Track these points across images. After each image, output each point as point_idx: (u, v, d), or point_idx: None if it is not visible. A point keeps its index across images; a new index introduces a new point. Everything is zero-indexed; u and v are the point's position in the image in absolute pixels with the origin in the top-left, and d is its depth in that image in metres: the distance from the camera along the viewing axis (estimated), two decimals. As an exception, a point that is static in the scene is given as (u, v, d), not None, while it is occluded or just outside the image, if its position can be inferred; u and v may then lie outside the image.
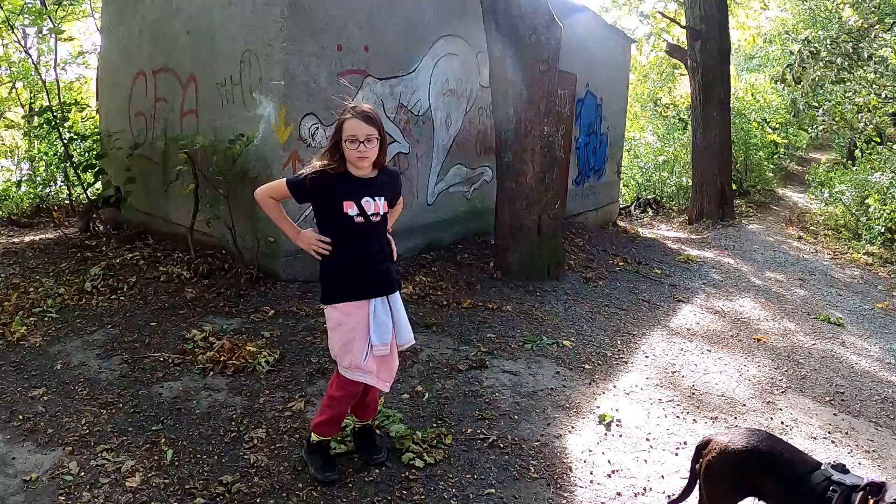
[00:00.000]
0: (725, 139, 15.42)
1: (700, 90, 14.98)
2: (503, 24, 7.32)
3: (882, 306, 9.55)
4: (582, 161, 12.17)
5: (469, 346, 5.66)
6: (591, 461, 4.18)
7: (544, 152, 7.60)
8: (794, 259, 12.15)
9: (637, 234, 12.81)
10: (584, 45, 11.37)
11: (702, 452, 3.21)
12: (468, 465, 3.91)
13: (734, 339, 7.05)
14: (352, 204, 3.41)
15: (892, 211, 15.43)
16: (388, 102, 7.27)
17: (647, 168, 19.76)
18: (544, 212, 7.70)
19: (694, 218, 15.45)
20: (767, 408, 5.44)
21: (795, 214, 18.32)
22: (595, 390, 5.21)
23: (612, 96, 13.35)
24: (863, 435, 5.23)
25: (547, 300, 7.23)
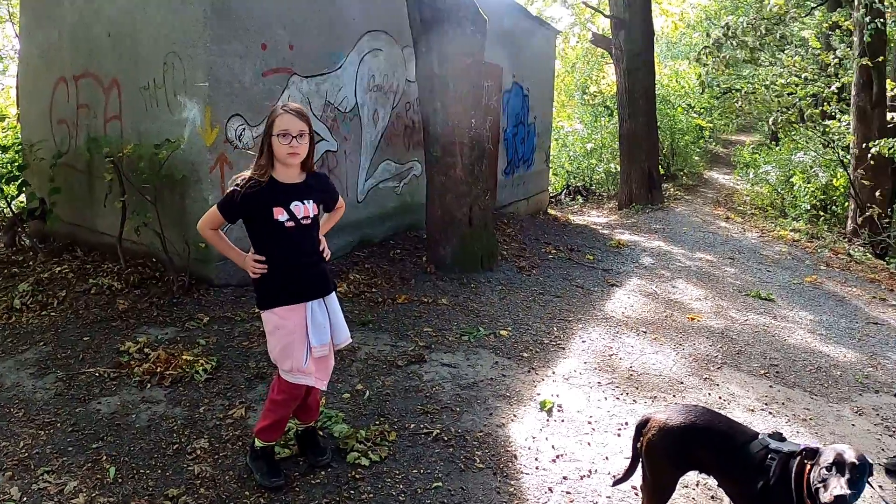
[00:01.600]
0: (651, 125, 15.78)
1: (625, 78, 15.28)
2: (428, 17, 7.32)
3: (810, 280, 9.90)
4: (510, 152, 12.27)
5: (406, 341, 5.67)
6: (535, 448, 4.23)
7: (472, 145, 7.64)
8: (723, 239, 12.50)
9: (568, 222, 13.00)
10: (510, 37, 11.47)
11: (642, 431, 3.26)
12: (414, 461, 3.92)
13: (668, 320, 7.22)
14: (281, 210, 3.39)
15: (816, 188, 16.04)
16: (314, 100, 7.20)
17: (576, 156, 20.07)
18: (475, 203, 7.74)
19: (623, 203, 15.74)
20: (705, 384, 5.59)
21: (723, 196, 18.85)
22: (534, 378, 5.28)
23: (539, 87, 13.49)
24: (799, 404, 5.43)
25: (482, 291, 7.28)
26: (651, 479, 3.27)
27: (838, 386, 5.97)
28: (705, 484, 3.99)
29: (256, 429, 3.64)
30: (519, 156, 12.69)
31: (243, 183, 3.35)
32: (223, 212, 3.43)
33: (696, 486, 3.99)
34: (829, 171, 16.18)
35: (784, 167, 18.02)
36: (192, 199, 6.27)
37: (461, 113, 7.51)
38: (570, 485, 3.89)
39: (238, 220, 3.49)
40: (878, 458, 4.70)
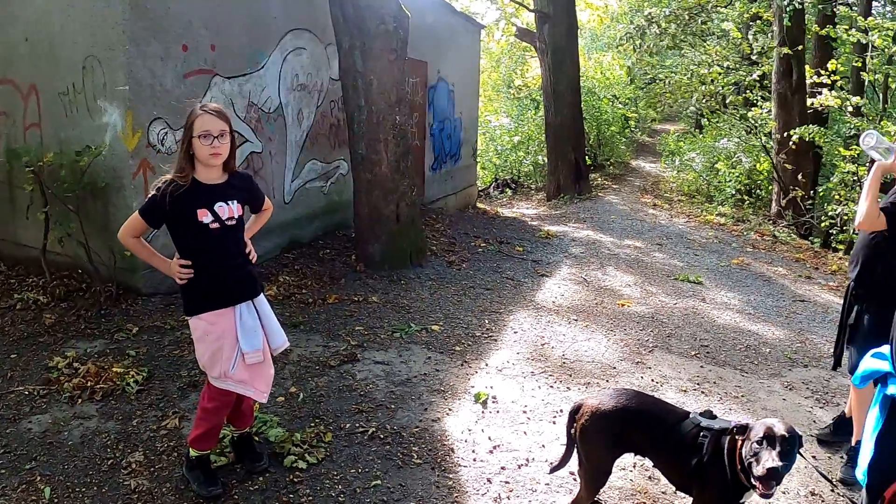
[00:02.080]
0: (577, 117, 16.04)
1: (550, 71, 15.48)
2: (350, 15, 7.31)
3: (737, 262, 10.25)
4: (437, 147, 12.32)
5: (338, 341, 5.67)
6: (471, 440, 4.30)
7: (397, 141, 7.66)
8: (651, 225, 12.80)
9: (497, 215, 13.14)
10: (434, 33, 11.50)
11: (575, 417, 3.33)
12: (351, 460, 3.94)
13: (599, 307, 7.38)
14: (205, 211, 3.35)
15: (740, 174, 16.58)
16: (237, 101, 7.10)
17: (504, 150, 20.26)
18: (402, 200, 7.77)
19: (552, 194, 15.97)
20: (637, 368, 5.76)
21: (650, 183, 19.29)
22: (468, 371, 5.34)
23: (464, 81, 13.56)
24: (730, 382, 5.64)
25: (412, 287, 7.32)
26: (587, 464, 3.34)
27: (768, 363, 6.21)
28: (642, 465, 4.11)
29: (190, 438, 3.60)
30: (446, 151, 12.76)
31: (165, 186, 3.29)
32: (146, 217, 3.36)
33: (633, 468, 4.11)
34: (753, 157, 16.78)
35: (709, 154, 18.59)
36: (116, 206, 6.12)
37: (385, 110, 7.52)
38: (508, 474, 3.96)
39: (162, 224, 3.43)
40: (810, 430, 4.92)
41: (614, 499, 3.82)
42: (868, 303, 4.15)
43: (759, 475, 2.72)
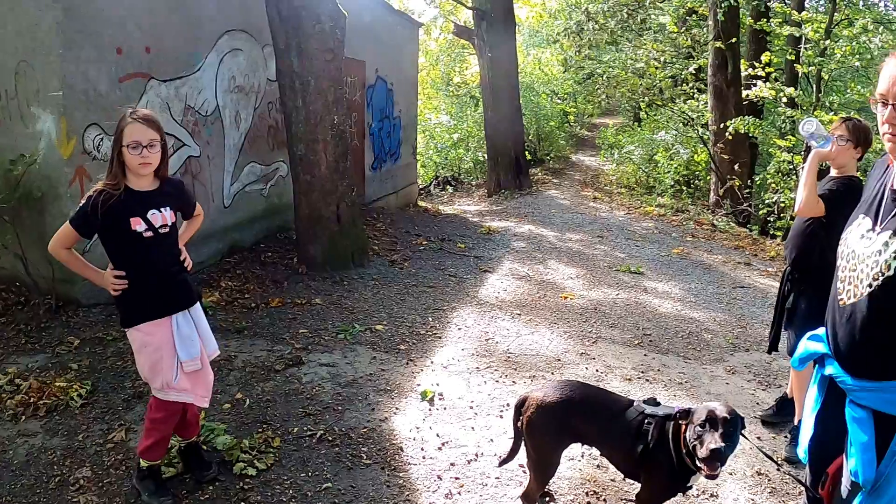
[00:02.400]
0: (516, 113, 16.15)
1: (489, 68, 15.56)
2: (287, 15, 7.24)
3: (677, 251, 10.49)
4: (377, 146, 12.30)
5: (283, 344, 5.64)
6: (420, 438, 4.33)
7: (336, 142, 7.63)
8: (592, 218, 12.99)
9: (438, 213, 13.19)
10: (372, 32, 11.47)
11: (521, 410, 3.37)
12: (301, 464, 3.94)
13: (542, 301, 7.49)
14: (138, 220, 3.28)
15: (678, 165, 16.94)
16: (174, 105, 6.96)
17: (444, 147, 20.31)
18: (342, 200, 7.75)
19: (492, 190, 16.07)
20: (582, 359, 5.86)
21: (590, 177, 19.55)
22: (413, 369, 5.38)
23: (403, 80, 13.55)
24: (674, 369, 5.79)
25: (355, 288, 7.32)
26: (535, 456, 3.38)
27: (710, 349, 6.39)
28: (590, 455, 4.19)
29: (140, 449, 3.55)
30: (385, 150, 12.75)
31: (96, 195, 3.22)
32: (77, 227, 3.29)
33: (581, 458, 4.20)
34: (691, 148, 17.19)
35: (647, 146, 18.95)
36: (53, 216, 5.93)
37: (323, 110, 7.49)
38: (458, 470, 4.00)
39: (94, 234, 3.36)
40: (754, 412, 5.10)
41: (564, 489, 3.90)
42: (805, 287, 4.30)
43: (703, 457, 2.79)
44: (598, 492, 3.90)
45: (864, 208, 2.51)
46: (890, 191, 2.38)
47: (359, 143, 11.19)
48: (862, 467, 2.31)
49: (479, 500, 3.74)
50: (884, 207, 2.39)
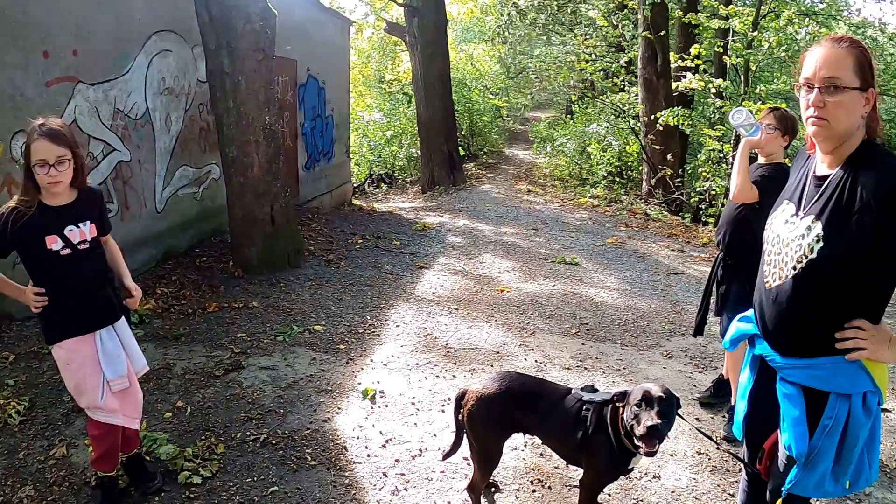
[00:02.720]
0: (449, 108, 16.25)
1: (420, 64, 15.60)
2: (216, 15, 7.15)
3: (612, 241, 10.71)
4: (310, 146, 12.22)
5: (222, 350, 5.59)
6: (363, 436, 4.35)
7: (268, 142, 7.58)
8: (527, 211, 13.15)
9: (373, 210, 13.17)
10: (303, 30, 11.38)
11: (461, 403, 3.41)
12: (246, 469, 3.92)
13: (479, 295, 7.57)
14: (55, 238, 3.15)
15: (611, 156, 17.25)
16: (103, 109, 6.76)
17: (377, 145, 20.25)
18: (275, 202, 7.71)
19: (427, 186, 16.13)
20: (521, 350, 5.96)
21: (523, 170, 19.76)
22: (354, 368, 5.39)
23: (335, 78, 13.49)
24: (611, 357, 5.94)
25: (292, 289, 7.28)
26: (477, 448, 3.43)
27: (647, 335, 6.56)
28: (533, 443, 4.28)
29: (92, 460, 3.49)
30: (319, 149, 12.67)
31: (7, 213, 3.09)
32: None
33: (524, 448, 4.28)
34: (622, 140, 17.48)
35: (579, 139, 19.21)
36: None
37: (255, 110, 7.42)
38: (403, 466, 4.04)
39: (9, 253, 3.20)
40: (692, 394, 5.26)
41: (509, 478, 3.98)
42: (737, 271, 4.42)
43: (640, 435, 2.86)
44: (542, 479, 3.98)
45: (788, 194, 2.60)
46: (812, 177, 2.47)
47: (291, 143, 11.11)
48: (795, 441, 2.41)
49: (425, 494, 3.78)
50: (806, 193, 2.47)
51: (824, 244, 2.30)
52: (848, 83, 2.29)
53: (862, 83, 2.29)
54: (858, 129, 2.34)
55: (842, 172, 2.34)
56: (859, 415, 2.36)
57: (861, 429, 2.37)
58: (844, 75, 2.29)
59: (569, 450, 3.33)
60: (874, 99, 2.31)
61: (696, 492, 4.00)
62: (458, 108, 18.81)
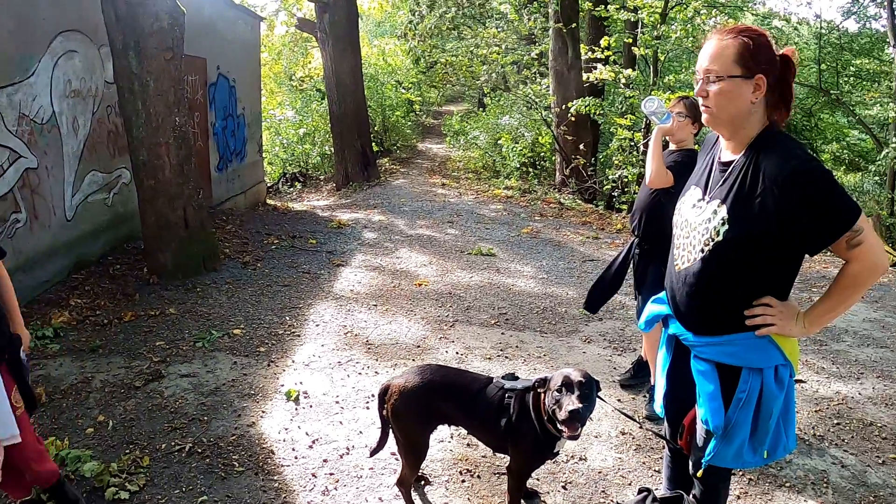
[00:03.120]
0: (361, 104, 16.19)
1: (332, 61, 15.48)
2: (123, 13, 6.93)
3: (527, 231, 10.94)
4: (222, 146, 11.98)
5: (141, 359, 5.48)
6: (290, 438, 4.37)
7: (179, 144, 7.44)
8: (442, 205, 13.27)
9: (288, 210, 13.05)
10: (212, 27, 11.17)
11: (384, 398, 3.44)
12: (174, 481, 3.88)
13: (397, 290, 7.65)
14: None
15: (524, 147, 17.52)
16: (7, 114, 6.41)
17: (290, 143, 20.02)
18: (188, 204, 7.58)
19: (341, 184, 16.06)
20: (441, 343, 6.07)
21: (437, 164, 19.90)
22: (275, 370, 5.39)
23: (245, 76, 13.25)
24: (531, 344, 6.10)
25: (209, 293, 7.19)
26: (404, 441, 3.48)
27: (565, 321, 6.76)
28: (459, 434, 4.38)
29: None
30: (231, 149, 12.44)
31: None
32: None
33: (451, 439, 4.38)
34: (535, 131, 17.76)
35: (492, 131, 19.43)
36: None
37: (164, 112, 7.26)
38: (331, 466, 4.07)
39: None
40: (612, 376, 5.48)
41: (438, 470, 4.06)
42: (652, 255, 4.57)
43: (562, 419, 2.92)
44: (471, 469, 4.08)
45: (695, 180, 2.73)
46: (717, 163, 2.59)
47: (203, 144, 10.90)
48: (711, 416, 2.53)
49: (355, 492, 3.83)
50: (712, 178, 2.58)
51: (729, 227, 2.40)
52: (727, 72, 2.41)
53: (745, 71, 2.39)
54: (752, 115, 2.45)
55: (744, 158, 2.44)
56: (772, 387, 2.47)
57: (774, 401, 2.48)
58: (723, 65, 2.42)
59: (494, 438, 3.39)
60: (765, 85, 2.40)
61: (623, 470, 4.18)
62: (370, 103, 18.77)
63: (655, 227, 4.53)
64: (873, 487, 4.16)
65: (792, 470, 4.28)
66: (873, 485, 4.19)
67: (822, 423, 4.97)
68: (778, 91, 2.44)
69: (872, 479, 4.25)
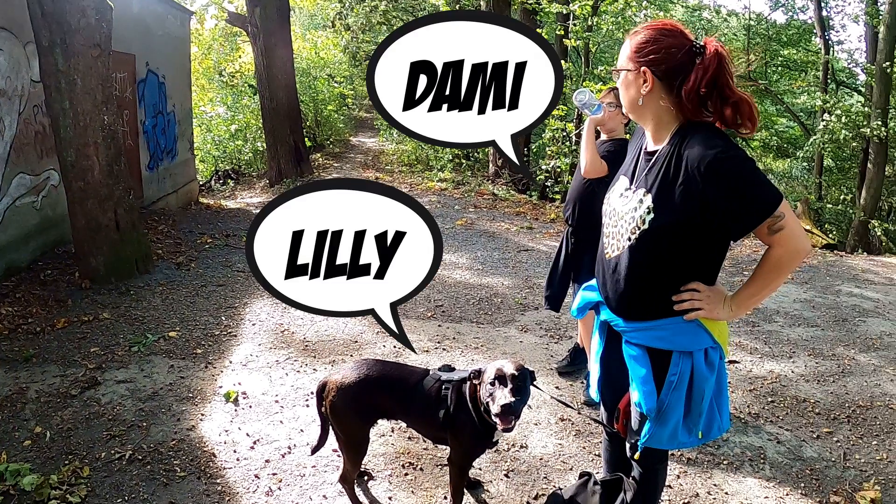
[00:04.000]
0: (293, 99, 16.06)
1: (263, 55, 15.30)
2: (49, 9, 6.74)
3: (461, 223, 11.06)
4: (152, 145, 11.76)
5: (76, 367, 5.38)
6: (231, 440, 4.36)
7: (108, 143, 7.30)
8: (376, 198, 13.22)
9: (222, 208, 12.91)
10: (141, 23, 10.95)
11: (322, 395, 3.45)
12: (115, 490, 3.83)
13: (334, 285, 7.63)
14: None
15: (457, 139, 17.61)
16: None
17: (222, 140, 19.71)
18: (119, 206, 7.45)
19: (274, 180, 15.94)
20: (378, 338, 6.10)
21: (371, 158, 19.87)
22: (213, 372, 5.36)
23: (175, 73, 13.02)
24: (468, 335, 6.21)
25: (143, 296, 7.09)
26: (344, 437, 3.48)
27: (501, 311, 6.89)
28: (401, 428, 4.44)
29: None
30: (161, 148, 12.21)
31: None
32: None
33: (392, 433, 4.44)
34: (467, 122, 17.81)
35: (425, 123, 19.44)
36: None
37: (92, 110, 7.12)
38: (274, 466, 4.08)
39: None
40: (550, 364, 5.62)
41: (381, 465, 4.12)
42: (587, 243, 4.65)
43: (496, 413, 2.95)
44: (413, 462, 4.15)
45: (623, 169, 2.78)
46: (644, 153, 2.64)
47: (133, 143, 10.69)
48: (644, 399, 2.59)
49: (299, 491, 3.86)
50: (639, 168, 2.63)
51: (655, 215, 2.45)
52: (622, 66, 2.56)
53: (634, 65, 2.51)
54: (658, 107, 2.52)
55: (668, 147, 2.49)
56: (702, 369, 2.54)
57: (706, 382, 2.55)
58: (621, 60, 2.57)
59: (433, 430, 3.43)
60: (651, 77, 2.47)
61: (564, 456, 4.32)
62: (302, 98, 18.64)
63: (589, 217, 4.61)
64: (809, 461, 4.41)
65: (729, 448, 4.49)
66: (809, 458, 4.44)
67: (757, 401, 5.22)
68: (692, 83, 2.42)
69: (808, 453, 4.50)
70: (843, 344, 6.59)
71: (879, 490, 4.08)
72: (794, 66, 25.52)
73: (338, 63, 24.81)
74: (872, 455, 4.53)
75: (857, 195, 18.45)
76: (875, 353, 6.39)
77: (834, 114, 17.15)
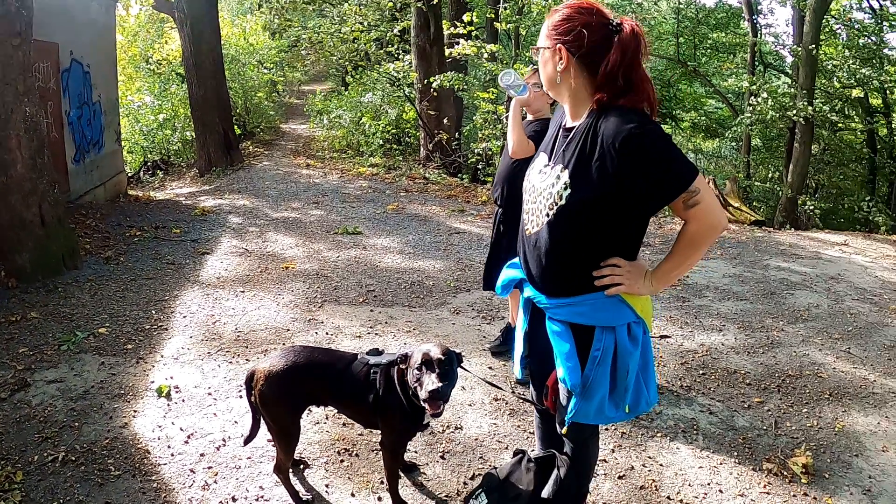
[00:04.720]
0: (221, 86, 15.87)
1: (191, 42, 15.04)
2: (-34, -2, 6.59)
3: (392, 207, 11.14)
4: (78, 136, 11.39)
5: (4, 369, 5.26)
6: (164, 435, 4.35)
7: (31, 136, 7.12)
8: (307, 185, 13.33)
9: (151, 200, 12.67)
10: (64, 10, 10.57)
11: (251, 385, 3.44)
12: (50, 493, 3.78)
13: (264, 274, 7.68)
14: None
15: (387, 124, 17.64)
16: None
17: (149, 129, 19.27)
18: (44, 200, 7.29)
19: (204, 169, 15.74)
20: (310, 325, 6.17)
21: (301, 145, 19.76)
22: (144, 367, 5.32)
23: (100, 61, 12.59)
24: (401, 319, 6.31)
25: (71, 293, 6.96)
26: (275, 427, 3.49)
27: (433, 294, 7.00)
28: (334, 415, 4.50)
29: None
30: (87, 139, 11.85)
31: None
32: None
33: (326, 420, 4.50)
34: (398, 107, 17.83)
35: (355, 109, 19.38)
36: None
37: (13, 102, 6.92)
38: (209, 459, 4.09)
39: None
40: (483, 345, 5.74)
41: (316, 452, 4.17)
42: (516, 221, 4.79)
43: (424, 399, 2.97)
44: (349, 448, 4.22)
45: (543, 146, 2.81)
46: (562, 129, 2.67)
47: (57, 135, 10.38)
48: (568, 374, 2.61)
49: (236, 483, 3.88)
50: (557, 144, 2.65)
51: (572, 191, 2.46)
52: (539, 45, 2.64)
53: (551, 42, 2.55)
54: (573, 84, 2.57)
55: (585, 124, 2.49)
56: (626, 344, 2.56)
57: (630, 356, 2.57)
58: (540, 39, 2.64)
59: (363, 415, 3.47)
60: (566, 54, 2.51)
61: (499, 435, 4.45)
62: (231, 85, 18.37)
63: (518, 197, 4.71)
64: (741, 430, 4.64)
65: (662, 420, 4.67)
66: (741, 427, 4.68)
67: (689, 374, 5.43)
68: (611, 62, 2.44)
69: (740, 423, 4.73)
70: (771, 316, 6.89)
71: (811, 456, 4.31)
72: (723, 49, 26.16)
73: (267, 49, 24.45)
74: (803, 422, 4.79)
75: (785, 173, 19.11)
76: (803, 325, 6.70)
77: (761, 96, 17.63)
